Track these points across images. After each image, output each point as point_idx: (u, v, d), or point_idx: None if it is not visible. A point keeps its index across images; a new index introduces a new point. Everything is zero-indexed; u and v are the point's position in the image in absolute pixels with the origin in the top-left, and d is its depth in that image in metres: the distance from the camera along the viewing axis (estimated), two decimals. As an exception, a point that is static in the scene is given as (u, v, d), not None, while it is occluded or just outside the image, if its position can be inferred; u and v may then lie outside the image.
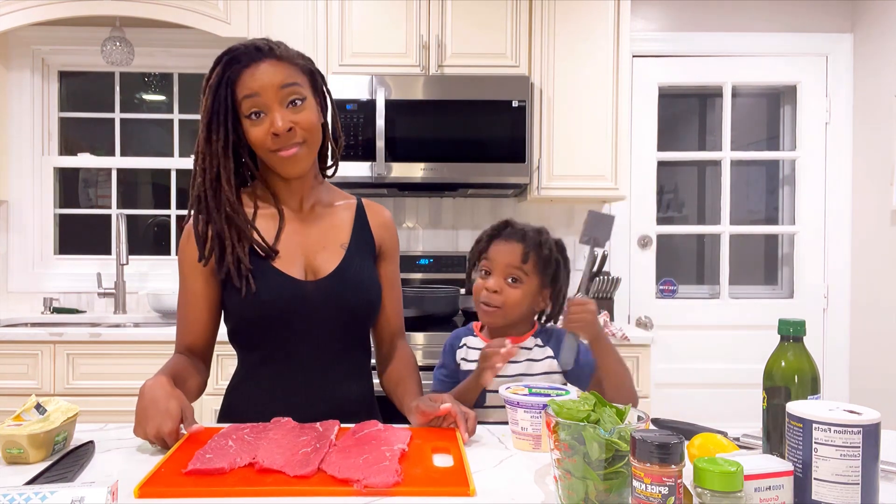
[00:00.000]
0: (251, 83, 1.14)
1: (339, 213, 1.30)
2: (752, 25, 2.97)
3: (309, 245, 1.23)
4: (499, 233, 1.41)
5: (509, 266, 1.35)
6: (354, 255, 1.25)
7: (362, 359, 1.30)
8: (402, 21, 2.56)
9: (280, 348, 1.21)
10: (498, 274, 1.36)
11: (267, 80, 1.14)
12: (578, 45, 2.59)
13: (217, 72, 1.16)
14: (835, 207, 2.98)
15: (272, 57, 1.16)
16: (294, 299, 1.18)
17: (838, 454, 0.73)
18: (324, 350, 1.22)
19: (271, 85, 1.14)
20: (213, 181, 1.17)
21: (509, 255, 1.36)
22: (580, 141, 2.60)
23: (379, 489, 0.82)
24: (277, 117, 1.14)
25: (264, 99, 1.14)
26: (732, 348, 2.96)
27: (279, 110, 1.14)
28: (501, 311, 1.36)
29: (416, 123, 2.53)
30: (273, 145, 1.15)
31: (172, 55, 2.96)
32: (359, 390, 1.26)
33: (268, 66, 1.15)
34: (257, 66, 1.15)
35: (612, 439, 0.72)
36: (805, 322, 0.88)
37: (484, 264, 1.39)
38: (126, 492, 0.82)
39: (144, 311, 2.88)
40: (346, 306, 1.21)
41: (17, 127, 2.92)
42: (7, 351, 2.31)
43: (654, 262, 3.01)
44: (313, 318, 1.19)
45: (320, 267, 1.22)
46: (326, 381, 1.22)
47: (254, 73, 1.14)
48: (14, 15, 2.55)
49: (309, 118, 1.17)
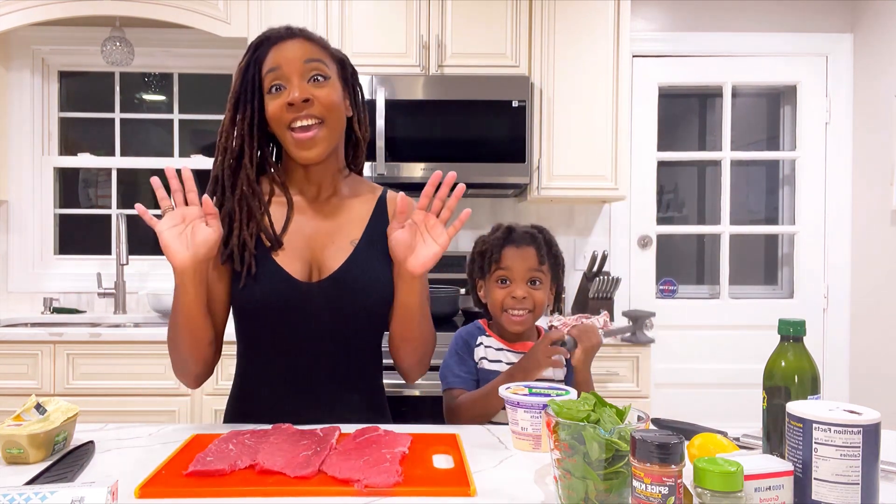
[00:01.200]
0: (275, 58, 1.11)
1: (357, 207, 1.22)
2: (752, 25, 2.97)
3: (318, 239, 1.17)
4: (508, 239, 1.41)
5: (529, 270, 1.38)
6: (363, 251, 1.17)
7: (366, 365, 1.22)
8: (402, 21, 2.56)
9: (275, 347, 1.16)
10: (519, 280, 1.38)
11: (290, 53, 1.11)
12: (578, 45, 2.59)
13: (247, 54, 1.14)
14: (835, 207, 2.98)
15: (301, 36, 1.13)
16: (288, 300, 1.12)
17: (838, 454, 0.73)
18: (321, 354, 1.16)
19: (294, 58, 1.11)
20: (234, 160, 1.14)
21: (527, 259, 1.38)
22: (580, 141, 2.60)
23: (379, 489, 0.82)
24: (295, 87, 1.10)
25: (286, 71, 1.10)
26: (732, 348, 2.96)
27: (299, 82, 1.10)
28: (532, 314, 1.39)
29: (416, 123, 2.53)
30: (289, 117, 1.10)
31: (172, 55, 2.96)
32: (360, 401, 1.18)
33: (294, 42, 1.12)
34: (284, 44, 1.12)
35: (612, 439, 0.72)
36: (805, 322, 0.88)
37: (501, 273, 1.39)
38: (126, 492, 0.82)
39: (144, 311, 2.88)
40: (343, 313, 1.14)
41: (17, 127, 2.92)
42: (7, 351, 2.31)
43: (654, 262, 3.01)
44: (309, 321, 1.14)
45: (325, 264, 1.15)
46: (323, 387, 1.16)
47: (280, 49, 1.12)
48: (14, 15, 2.55)
49: (330, 95, 1.12)
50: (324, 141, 1.12)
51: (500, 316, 1.40)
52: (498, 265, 1.39)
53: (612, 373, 2.34)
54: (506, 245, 1.40)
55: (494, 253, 1.40)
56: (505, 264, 1.39)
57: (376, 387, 1.25)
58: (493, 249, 1.41)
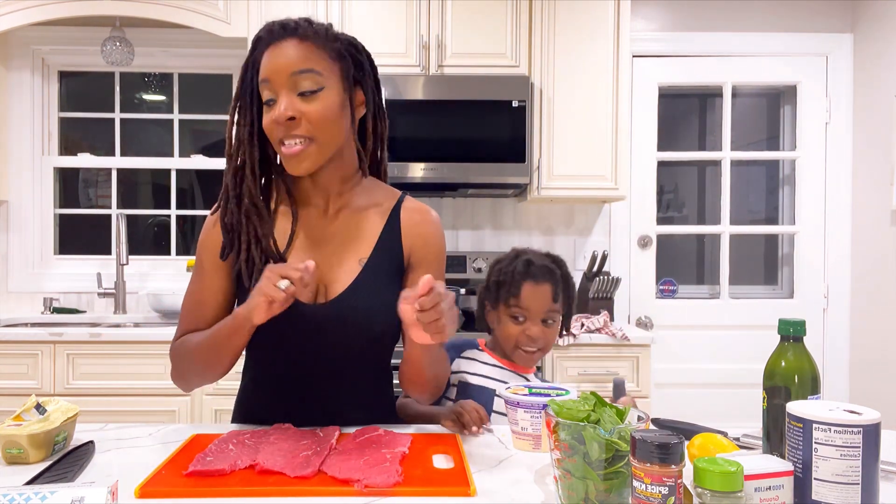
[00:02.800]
0: (266, 67, 1.05)
1: (369, 220, 1.15)
2: (752, 25, 2.97)
3: (325, 258, 1.12)
4: (527, 274, 1.38)
5: (545, 311, 1.38)
6: (371, 272, 1.11)
7: (373, 386, 1.18)
8: (402, 21, 2.56)
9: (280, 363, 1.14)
10: (535, 319, 1.37)
11: (281, 61, 1.04)
12: (578, 45, 2.59)
13: (249, 53, 1.09)
14: (835, 207, 2.98)
15: (295, 36, 1.05)
16: (293, 322, 1.07)
17: (838, 454, 0.73)
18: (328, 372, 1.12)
19: (282, 69, 1.03)
20: (238, 169, 1.10)
21: (544, 300, 1.38)
22: (580, 141, 2.60)
23: (380, 489, 0.82)
24: (283, 103, 1.03)
25: (274, 84, 1.04)
26: (732, 348, 2.96)
27: (287, 97, 1.04)
28: (542, 352, 1.40)
29: (416, 123, 2.53)
30: (277, 134, 1.05)
31: (172, 55, 2.96)
32: (366, 419, 1.13)
33: (286, 48, 1.04)
34: (276, 47, 1.05)
35: (612, 439, 0.72)
36: (805, 322, 0.88)
37: (517, 311, 1.37)
38: (126, 492, 0.82)
39: (144, 311, 2.88)
40: (348, 335, 1.10)
41: (17, 127, 2.92)
42: (7, 351, 2.31)
43: (654, 262, 3.01)
44: (315, 341, 1.10)
45: (331, 285, 1.11)
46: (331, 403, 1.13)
47: (271, 55, 1.05)
48: (14, 15, 2.55)
49: (320, 111, 1.04)
50: (312, 156, 1.06)
51: (511, 351, 1.39)
52: (516, 302, 1.37)
53: (612, 373, 2.34)
54: (525, 280, 1.37)
55: (513, 288, 1.37)
56: (523, 304, 1.36)
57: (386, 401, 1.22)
58: (512, 284, 1.38)
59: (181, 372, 1.14)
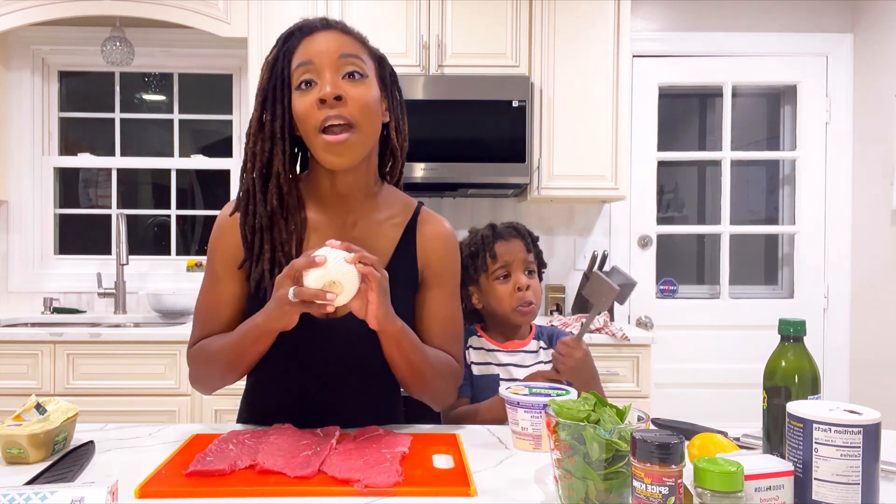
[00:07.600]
0: (308, 49, 1.00)
1: (385, 233, 1.12)
2: (752, 25, 2.97)
3: None
4: (495, 235, 1.42)
5: (525, 261, 1.40)
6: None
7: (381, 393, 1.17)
8: (402, 21, 2.56)
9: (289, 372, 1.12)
10: (519, 270, 1.39)
11: (324, 46, 1.00)
12: (578, 45, 2.59)
13: (276, 46, 1.04)
14: (835, 207, 2.98)
15: (338, 28, 1.04)
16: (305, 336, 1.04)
17: (838, 454, 0.73)
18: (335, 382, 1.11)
19: (328, 51, 0.99)
20: (264, 167, 1.04)
21: (519, 250, 1.40)
22: (580, 141, 2.60)
23: (380, 489, 0.82)
24: (328, 82, 0.98)
25: (317, 65, 0.99)
26: (732, 348, 2.96)
27: (332, 78, 0.99)
28: (536, 304, 1.40)
29: (415, 123, 2.49)
30: (319, 115, 0.99)
31: (172, 55, 2.96)
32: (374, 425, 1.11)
33: (329, 34, 1.02)
34: (319, 34, 1.02)
35: (613, 439, 0.72)
36: (805, 322, 0.88)
37: (500, 269, 1.38)
38: (126, 492, 0.82)
39: (144, 311, 2.88)
40: (357, 349, 1.08)
41: (17, 127, 2.92)
42: (7, 351, 2.31)
43: (654, 262, 3.01)
44: (325, 354, 1.09)
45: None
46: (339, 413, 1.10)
47: (313, 40, 1.01)
48: (14, 15, 2.55)
49: (366, 96, 1.01)
50: (355, 147, 1.01)
51: (509, 314, 1.38)
52: (495, 260, 1.39)
53: (612, 373, 2.34)
54: (496, 241, 1.41)
55: (487, 250, 1.40)
56: (502, 259, 1.39)
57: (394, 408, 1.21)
58: (485, 248, 1.41)
59: (201, 377, 1.13)
